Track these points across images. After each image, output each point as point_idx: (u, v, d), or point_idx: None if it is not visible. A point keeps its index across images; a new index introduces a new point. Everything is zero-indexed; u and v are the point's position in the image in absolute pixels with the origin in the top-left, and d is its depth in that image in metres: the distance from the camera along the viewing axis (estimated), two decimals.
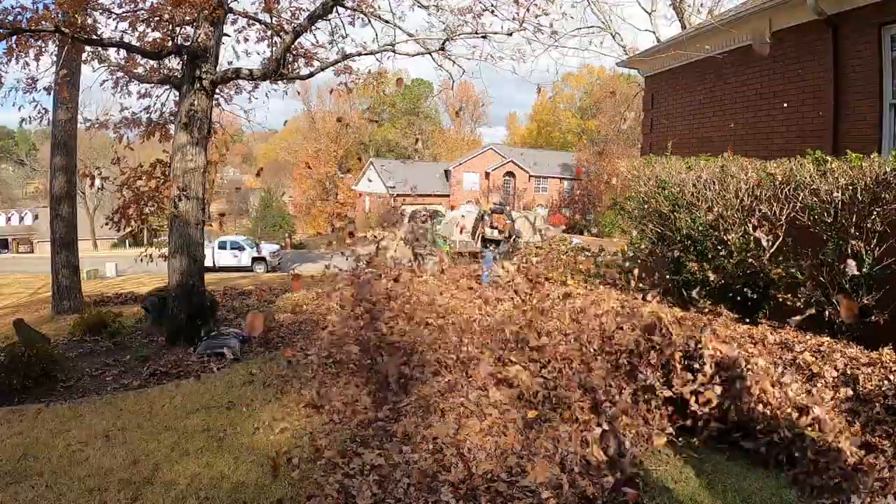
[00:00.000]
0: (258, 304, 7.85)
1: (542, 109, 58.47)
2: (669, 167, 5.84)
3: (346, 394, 3.92)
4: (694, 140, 7.54)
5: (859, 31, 5.49)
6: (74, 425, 3.60)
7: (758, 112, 6.78)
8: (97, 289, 13.33)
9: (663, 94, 8.84)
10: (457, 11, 6.26)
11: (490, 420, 3.33)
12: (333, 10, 6.00)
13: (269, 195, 42.21)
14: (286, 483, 2.83)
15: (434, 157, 52.64)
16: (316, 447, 3.20)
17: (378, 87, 7.21)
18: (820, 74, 5.91)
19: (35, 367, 4.45)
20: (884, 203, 3.86)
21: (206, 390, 4.22)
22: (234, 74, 6.04)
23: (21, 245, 42.53)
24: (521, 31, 6.14)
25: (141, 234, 29.33)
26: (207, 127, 5.78)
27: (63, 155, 8.68)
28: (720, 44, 7.26)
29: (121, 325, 6.20)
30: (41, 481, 2.88)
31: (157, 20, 5.55)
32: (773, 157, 4.89)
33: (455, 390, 3.71)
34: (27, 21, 4.98)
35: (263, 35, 6.59)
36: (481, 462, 2.92)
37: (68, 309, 8.56)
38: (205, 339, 5.34)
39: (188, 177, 5.56)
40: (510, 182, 41.43)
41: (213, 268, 20.62)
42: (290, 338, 5.80)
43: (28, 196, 51.59)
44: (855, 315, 3.81)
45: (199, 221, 5.72)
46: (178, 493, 2.76)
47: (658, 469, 2.92)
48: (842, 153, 4.29)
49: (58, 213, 8.74)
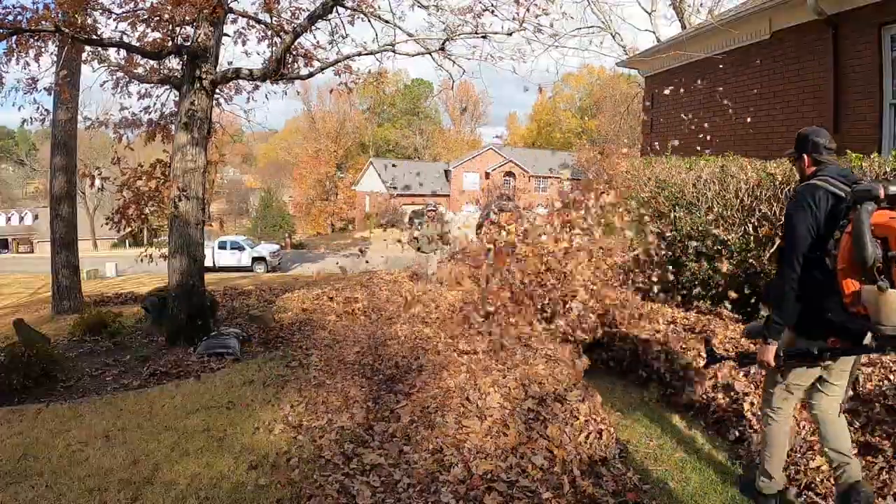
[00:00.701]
0: (258, 304, 7.85)
1: (542, 109, 58.49)
2: (669, 167, 5.85)
3: (347, 394, 3.93)
4: (694, 140, 7.55)
5: (859, 31, 5.50)
6: (74, 425, 3.60)
7: (758, 112, 6.79)
8: (97, 289, 13.34)
9: (663, 94, 8.84)
10: (457, 11, 6.26)
11: (490, 420, 3.34)
12: (333, 10, 5.99)
13: (269, 195, 42.22)
14: (286, 483, 2.83)
15: (434, 157, 52.66)
16: (316, 447, 3.20)
17: (378, 87, 7.22)
18: (820, 74, 5.92)
19: (35, 367, 4.44)
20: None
21: (206, 390, 4.22)
22: (234, 74, 6.04)
23: (21, 245, 42.55)
24: (521, 31, 6.13)
25: (141, 234, 29.36)
26: (207, 127, 5.78)
27: (63, 155, 8.68)
28: (720, 44, 7.26)
29: (121, 325, 6.20)
30: (41, 481, 2.88)
31: (157, 20, 5.55)
32: (773, 157, 4.89)
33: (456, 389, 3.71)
34: (27, 21, 4.98)
35: (264, 35, 6.58)
36: (481, 462, 2.92)
37: (68, 309, 8.55)
38: (205, 339, 5.34)
39: (188, 177, 5.55)
40: (510, 182, 41.43)
41: (213, 268, 20.65)
42: (291, 338, 5.81)
43: (28, 196, 51.64)
44: None
45: (199, 221, 5.72)
46: (178, 493, 2.76)
47: (658, 469, 2.93)
48: (842, 153, 4.29)
49: (58, 213, 8.74)
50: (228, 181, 57.08)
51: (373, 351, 4.88)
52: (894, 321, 1.96)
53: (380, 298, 7.26)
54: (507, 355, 4.07)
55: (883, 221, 2.01)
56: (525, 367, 4.13)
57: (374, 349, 4.92)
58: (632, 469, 2.89)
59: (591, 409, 3.49)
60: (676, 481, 2.80)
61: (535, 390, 3.72)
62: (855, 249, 2.02)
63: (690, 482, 2.79)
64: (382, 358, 4.60)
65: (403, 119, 55.37)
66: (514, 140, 59.02)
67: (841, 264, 2.10)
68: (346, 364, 4.63)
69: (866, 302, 2.02)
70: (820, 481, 2.64)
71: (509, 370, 4.08)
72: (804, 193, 2.29)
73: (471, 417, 3.38)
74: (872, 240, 1.99)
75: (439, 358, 4.38)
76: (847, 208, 2.13)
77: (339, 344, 5.31)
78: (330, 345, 5.31)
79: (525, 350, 4.37)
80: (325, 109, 50.68)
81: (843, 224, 2.12)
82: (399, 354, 4.61)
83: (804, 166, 2.44)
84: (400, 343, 4.91)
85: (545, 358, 4.02)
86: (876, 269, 1.99)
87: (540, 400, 3.58)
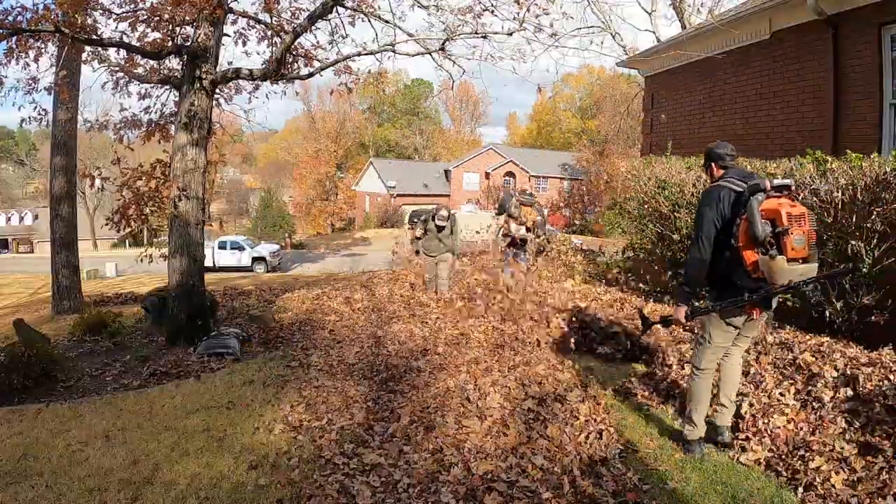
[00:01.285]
0: (258, 304, 7.85)
1: (542, 109, 58.51)
2: (669, 167, 5.85)
3: (347, 394, 3.93)
4: (694, 140, 7.54)
5: (859, 31, 5.49)
6: (74, 425, 3.59)
7: (758, 112, 6.79)
8: (97, 289, 13.35)
9: (663, 94, 8.84)
10: (457, 11, 6.25)
11: (490, 420, 3.34)
12: (333, 10, 5.99)
13: (269, 195, 42.22)
14: (286, 483, 2.83)
15: (434, 157, 52.66)
16: (316, 447, 3.20)
17: (378, 87, 7.21)
18: (820, 74, 5.91)
19: (35, 367, 4.44)
20: (884, 203, 3.86)
21: (206, 390, 4.22)
22: (235, 74, 6.03)
23: (21, 245, 42.54)
24: (521, 31, 6.12)
25: (141, 235, 29.37)
26: (207, 127, 5.77)
27: (63, 155, 8.69)
28: (720, 44, 7.26)
29: (121, 325, 6.20)
30: (41, 481, 2.88)
31: (157, 20, 5.54)
32: (773, 157, 4.89)
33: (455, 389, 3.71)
34: (27, 21, 4.98)
35: (264, 35, 6.58)
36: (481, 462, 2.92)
37: (68, 309, 8.56)
38: (205, 339, 5.34)
39: (188, 177, 5.55)
40: (510, 182, 41.41)
41: (213, 268, 20.64)
42: (291, 338, 5.81)
43: (28, 196, 51.65)
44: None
45: (199, 221, 5.71)
46: (178, 493, 2.76)
47: (658, 469, 2.93)
48: (842, 153, 4.29)
49: (58, 213, 8.74)
50: (228, 181, 57.13)
51: (373, 351, 4.89)
52: (783, 280, 2.62)
53: (380, 298, 7.27)
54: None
55: (771, 207, 2.61)
56: (525, 367, 4.14)
57: (374, 349, 4.92)
58: (632, 469, 2.89)
59: (591, 410, 3.49)
60: (676, 481, 2.80)
61: (535, 390, 3.73)
62: (749, 229, 2.62)
63: (690, 482, 2.79)
64: (382, 358, 4.61)
65: (403, 119, 55.36)
66: (514, 140, 59.04)
67: (741, 241, 2.69)
68: (346, 364, 4.63)
69: (763, 268, 2.64)
70: (820, 482, 2.64)
71: (510, 370, 4.09)
72: (711, 192, 2.88)
73: (471, 417, 3.38)
74: (763, 221, 2.59)
75: (439, 358, 4.38)
76: (745, 200, 2.68)
77: (339, 344, 5.32)
78: (330, 345, 5.31)
79: (524, 350, 4.38)
80: (325, 109, 50.66)
81: (742, 212, 2.68)
82: (399, 354, 4.61)
83: (713, 172, 3.03)
84: (400, 343, 4.91)
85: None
86: (768, 242, 2.60)
87: (540, 400, 3.59)
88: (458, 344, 4.75)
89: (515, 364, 4.22)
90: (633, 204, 6.44)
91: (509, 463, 2.93)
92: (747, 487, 2.70)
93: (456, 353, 4.51)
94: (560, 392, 3.72)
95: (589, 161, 40.60)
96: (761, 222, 2.59)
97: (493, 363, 4.25)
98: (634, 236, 6.80)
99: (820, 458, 2.75)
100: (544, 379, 3.93)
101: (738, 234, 2.70)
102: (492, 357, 4.41)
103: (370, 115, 54.05)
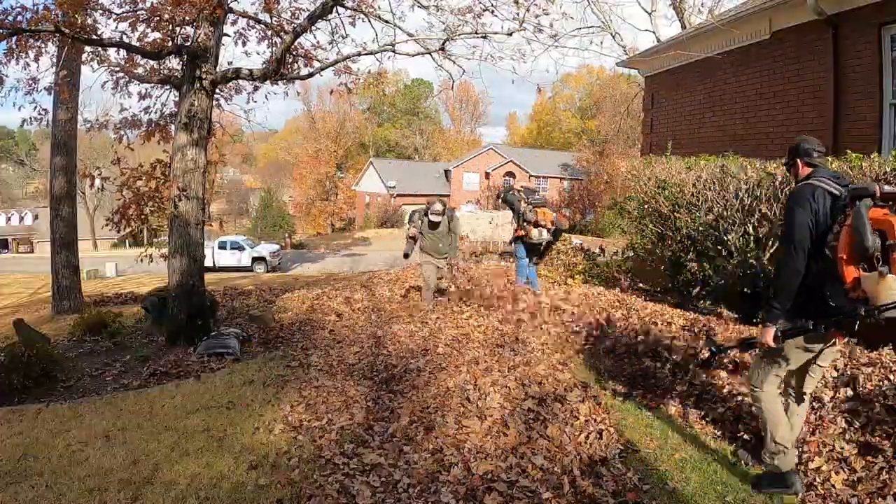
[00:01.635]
0: (258, 304, 7.85)
1: (542, 109, 58.49)
2: (669, 167, 5.84)
3: (347, 394, 3.93)
4: (694, 140, 7.54)
5: (859, 31, 5.49)
6: (74, 425, 3.59)
7: (758, 112, 6.79)
8: (97, 289, 13.35)
9: (663, 94, 8.84)
10: (457, 11, 6.24)
11: (490, 421, 3.34)
12: (333, 10, 5.99)
13: (269, 195, 42.20)
14: (286, 483, 2.83)
15: (434, 157, 52.64)
16: (316, 447, 3.20)
17: (378, 88, 7.21)
18: (820, 74, 5.91)
19: (35, 367, 4.44)
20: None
21: (206, 390, 4.22)
22: (235, 74, 6.03)
23: (21, 245, 42.53)
24: (521, 31, 6.12)
25: (141, 235, 29.34)
26: (207, 127, 5.77)
27: (63, 155, 8.69)
28: (720, 44, 7.26)
29: (121, 325, 6.20)
30: (41, 481, 2.88)
31: (157, 20, 5.54)
32: (773, 157, 4.89)
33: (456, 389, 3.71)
34: (27, 21, 4.98)
35: (264, 35, 6.58)
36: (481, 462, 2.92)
37: (68, 309, 8.56)
38: (205, 339, 5.34)
39: (188, 177, 5.55)
40: (510, 182, 41.40)
41: (213, 268, 20.64)
42: (291, 338, 5.81)
43: (28, 196, 51.64)
44: None
45: (199, 221, 5.71)
46: (178, 493, 2.76)
47: (658, 469, 2.93)
48: (842, 153, 4.29)
49: (58, 213, 8.74)
50: (228, 181, 57.10)
51: (373, 351, 4.89)
52: (887, 301, 2.20)
53: (380, 298, 7.27)
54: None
55: (880, 216, 2.23)
56: (525, 367, 4.13)
57: (374, 349, 4.92)
58: (632, 469, 2.89)
59: (591, 410, 3.49)
60: (676, 481, 2.80)
61: (535, 390, 3.73)
62: (856, 240, 2.22)
63: (690, 482, 2.79)
64: (382, 358, 4.61)
65: (403, 119, 55.34)
66: (514, 140, 59.02)
67: (841, 254, 2.29)
68: (346, 364, 4.63)
69: (865, 285, 2.24)
70: (821, 482, 2.64)
71: (510, 370, 4.09)
72: (802, 190, 2.48)
73: (471, 417, 3.38)
74: (872, 232, 2.19)
75: (439, 358, 4.38)
76: (844, 205, 2.33)
77: (339, 344, 5.32)
78: (330, 345, 5.31)
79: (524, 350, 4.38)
80: (325, 109, 50.63)
81: (842, 218, 2.31)
82: (399, 354, 4.61)
83: (798, 170, 2.64)
84: (400, 343, 4.91)
85: None
86: (875, 257, 2.21)
87: (540, 400, 3.59)
88: (459, 344, 4.75)
89: (515, 364, 4.22)
90: (633, 204, 6.44)
91: (509, 463, 2.93)
92: (747, 487, 2.70)
93: (456, 353, 4.50)
94: (560, 392, 3.72)
95: (589, 161, 40.55)
96: (871, 233, 2.20)
97: (493, 363, 4.25)
98: (634, 236, 6.80)
99: (820, 458, 2.75)
100: (544, 379, 3.93)
101: (836, 245, 2.31)
102: (492, 357, 4.41)
103: (370, 115, 54.04)
